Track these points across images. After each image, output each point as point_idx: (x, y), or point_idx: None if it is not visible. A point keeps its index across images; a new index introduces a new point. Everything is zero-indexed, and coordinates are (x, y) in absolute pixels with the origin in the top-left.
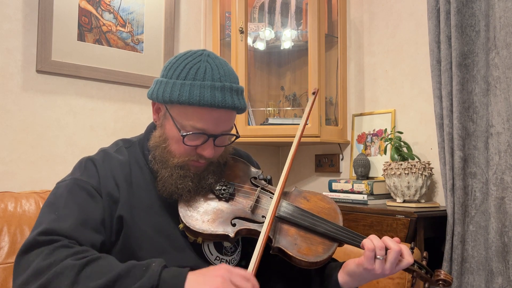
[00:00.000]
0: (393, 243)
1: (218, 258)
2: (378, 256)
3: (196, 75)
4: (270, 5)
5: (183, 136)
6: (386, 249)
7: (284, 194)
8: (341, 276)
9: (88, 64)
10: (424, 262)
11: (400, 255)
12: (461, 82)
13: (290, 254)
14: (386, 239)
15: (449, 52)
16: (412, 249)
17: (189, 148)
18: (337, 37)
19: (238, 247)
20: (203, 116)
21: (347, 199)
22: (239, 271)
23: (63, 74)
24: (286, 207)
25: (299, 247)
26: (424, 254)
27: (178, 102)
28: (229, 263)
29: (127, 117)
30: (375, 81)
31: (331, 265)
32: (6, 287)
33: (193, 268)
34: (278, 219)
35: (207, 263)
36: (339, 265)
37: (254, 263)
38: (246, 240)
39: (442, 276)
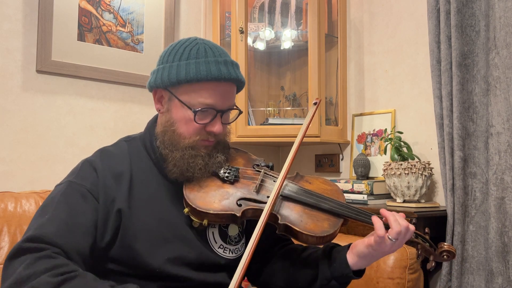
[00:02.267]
0: (404, 222)
1: (222, 247)
2: (392, 239)
3: (198, 54)
4: (270, 5)
5: (195, 113)
6: None
7: (287, 178)
8: (350, 257)
9: (88, 64)
10: (427, 237)
11: None
12: (461, 82)
13: (297, 230)
14: (399, 219)
15: (449, 52)
16: (415, 224)
17: (198, 127)
18: (337, 37)
19: (242, 238)
20: (211, 90)
21: (347, 199)
22: None
23: (63, 74)
24: (290, 187)
25: (305, 223)
26: (426, 230)
27: (186, 80)
28: (232, 253)
29: (127, 117)
30: (375, 81)
31: (338, 248)
32: None
33: (198, 256)
34: (283, 198)
35: (210, 251)
36: (346, 246)
37: (253, 239)
38: (251, 234)
39: (445, 248)
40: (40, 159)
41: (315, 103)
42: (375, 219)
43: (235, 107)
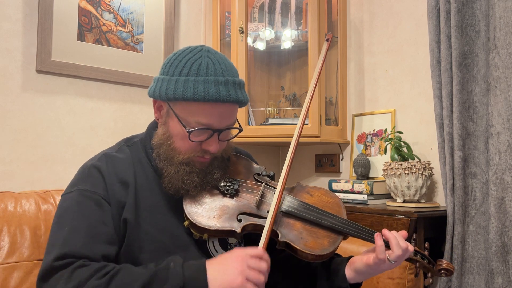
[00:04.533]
0: (406, 246)
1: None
2: (392, 261)
3: (199, 70)
4: (270, 5)
5: (189, 133)
6: None
7: (287, 190)
8: (348, 272)
9: (88, 64)
10: (426, 253)
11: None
12: (461, 82)
13: (297, 247)
14: (403, 244)
15: (449, 52)
16: (415, 240)
17: (194, 144)
18: (337, 37)
19: (241, 244)
20: (208, 111)
21: (347, 199)
22: (252, 251)
23: (63, 74)
24: (290, 202)
25: (305, 240)
26: (426, 245)
27: (182, 98)
28: None
29: (127, 117)
30: (375, 81)
31: (337, 260)
32: (6, 287)
33: None
34: (283, 214)
35: None
36: (345, 260)
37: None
38: (250, 239)
39: (444, 266)
40: (40, 159)
41: (327, 40)
42: (377, 241)
43: (234, 126)
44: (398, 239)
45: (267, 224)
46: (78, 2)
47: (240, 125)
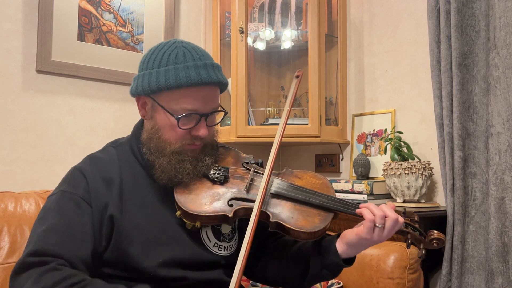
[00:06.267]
0: (390, 211)
1: (216, 245)
2: (377, 225)
3: (177, 59)
4: (270, 5)
5: (178, 120)
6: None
7: (276, 174)
8: (340, 246)
9: (88, 64)
10: (416, 225)
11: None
12: (461, 82)
13: (289, 227)
14: (383, 207)
15: (449, 52)
16: (403, 213)
17: (183, 132)
18: (337, 37)
19: (235, 234)
20: (192, 96)
21: (347, 199)
22: None
23: (63, 74)
24: (279, 184)
25: (296, 219)
26: (416, 218)
27: (166, 87)
28: (226, 250)
29: (127, 117)
30: (375, 81)
31: (327, 238)
32: (6, 287)
33: (191, 256)
34: (273, 196)
35: (205, 250)
36: (336, 236)
37: (247, 240)
38: (243, 230)
39: (435, 235)
40: (40, 159)
41: (297, 77)
42: (361, 209)
43: (219, 109)
44: (380, 206)
45: (256, 204)
46: (78, 2)
47: (224, 108)
